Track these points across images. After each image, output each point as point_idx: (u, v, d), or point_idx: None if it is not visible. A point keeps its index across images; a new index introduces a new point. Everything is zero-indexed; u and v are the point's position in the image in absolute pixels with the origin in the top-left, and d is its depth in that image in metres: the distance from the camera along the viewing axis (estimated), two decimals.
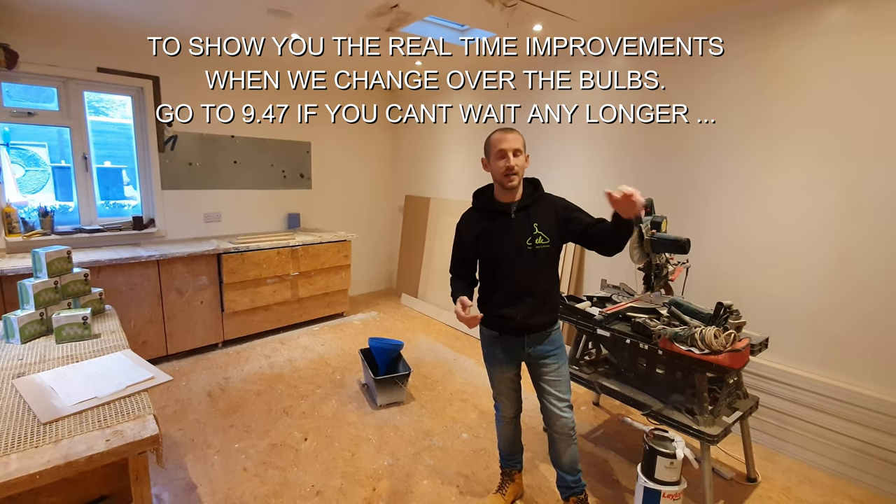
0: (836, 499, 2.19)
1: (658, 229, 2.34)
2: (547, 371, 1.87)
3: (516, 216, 1.77)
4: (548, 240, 1.75)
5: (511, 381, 1.98)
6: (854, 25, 2.23)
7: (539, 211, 1.78)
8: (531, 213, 1.77)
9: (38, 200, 3.50)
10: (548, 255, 1.78)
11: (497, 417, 2.08)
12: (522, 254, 1.75)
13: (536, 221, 1.75)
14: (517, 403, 2.03)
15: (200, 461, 2.35)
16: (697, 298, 2.56)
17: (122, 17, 3.15)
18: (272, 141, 4.48)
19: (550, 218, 1.77)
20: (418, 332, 4.31)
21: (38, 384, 1.46)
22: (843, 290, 2.34)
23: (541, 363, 1.87)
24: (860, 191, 2.26)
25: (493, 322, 1.86)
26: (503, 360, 1.93)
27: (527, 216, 1.76)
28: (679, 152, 2.91)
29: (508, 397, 2.01)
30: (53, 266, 1.98)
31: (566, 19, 2.89)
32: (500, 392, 2.01)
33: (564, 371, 1.89)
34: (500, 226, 1.78)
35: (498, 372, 1.97)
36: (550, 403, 1.87)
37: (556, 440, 1.92)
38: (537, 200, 1.79)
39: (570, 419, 1.87)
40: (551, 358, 1.86)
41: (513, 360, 1.92)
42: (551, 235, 1.76)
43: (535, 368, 1.90)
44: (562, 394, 1.87)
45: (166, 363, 3.46)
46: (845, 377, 2.36)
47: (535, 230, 1.75)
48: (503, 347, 1.90)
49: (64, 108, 3.41)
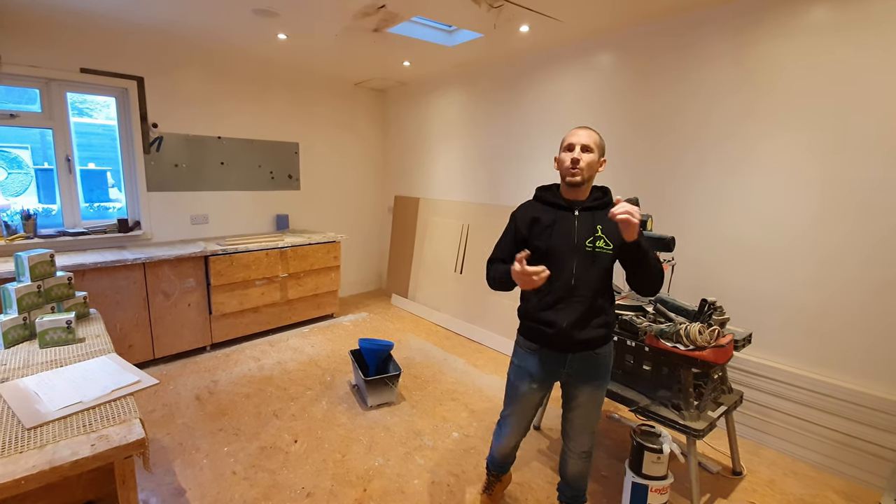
0: (820, 491, 2.23)
1: (644, 227, 2.37)
2: (584, 396, 1.70)
3: (581, 214, 1.63)
4: (610, 245, 1.59)
5: (535, 405, 1.80)
6: (834, 24, 2.28)
7: (604, 216, 1.60)
8: (597, 215, 1.63)
9: (20, 203, 3.44)
10: (608, 262, 1.62)
11: (497, 434, 1.93)
12: (580, 253, 1.60)
13: (601, 224, 1.61)
14: (525, 431, 1.87)
15: (189, 465, 2.33)
16: (682, 295, 2.60)
17: (105, 16, 3.12)
18: (259, 142, 4.45)
19: (614, 226, 1.56)
20: (408, 332, 4.31)
21: (21, 389, 1.44)
22: (825, 286, 2.39)
23: (578, 388, 1.70)
24: (842, 187, 2.30)
25: (532, 331, 1.70)
26: (536, 378, 1.71)
27: (592, 217, 1.63)
28: (663, 150, 2.95)
29: (520, 422, 1.83)
30: (36, 270, 1.95)
31: (552, 20, 2.91)
32: (514, 412, 1.81)
33: (600, 398, 1.72)
34: (561, 218, 1.64)
35: (526, 391, 1.74)
36: (576, 430, 1.77)
37: (570, 457, 1.83)
38: (606, 206, 1.63)
39: (590, 441, 1.79)
40: (593, 382, 1.68)
41: (546, 378, 1.72)
42: (615, 242, 1.59)
43: (570, 390, 1.73)
44: (592, 422, 1.75)
45: (153, 367, 3.43)
46: (829, 371, 2.41)
47: (599, 232, 1.60)
48: (539, 363, 1.70)
49: (46, 109, 3.36)
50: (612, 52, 3.19)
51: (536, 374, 1.71)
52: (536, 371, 1.71)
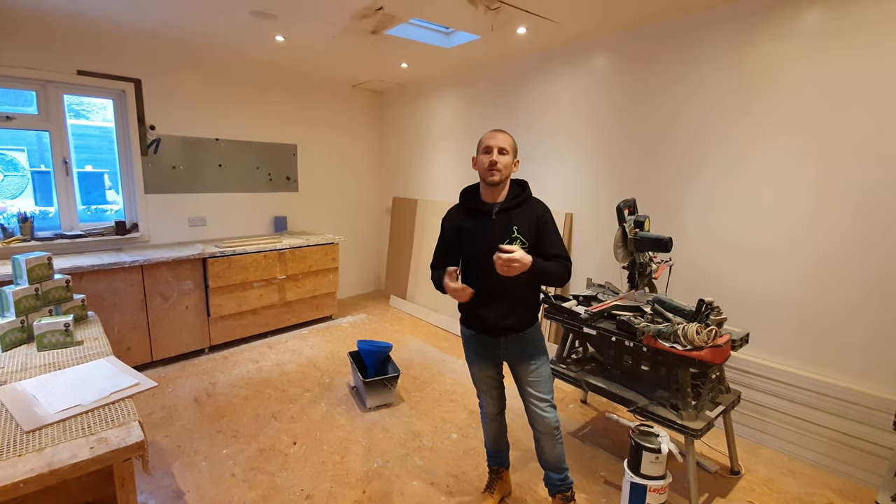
0: (817, 489, 2.24)
1: (641, 228, 2.38)
2: (526, 372, 1.87)
3: (497, 217, 1.77)
4: (527, 244, 1.74)
5: (491, 378, 1.99)
6: (829, 26, 2.29)
7: (521, 213, 1.78)
8: (513, 215, 1.77)
9: (17, 206, 3.44)
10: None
11: (482, 415, 2.10)
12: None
13: (517, 224, 1.75)
14: (499, 401, 2.04)
15: (188, 468, 2.33)
16: (680, 296, 2.61)
17: (102, 19, 3.12)
18: (257, 144, 4.45)
19: (531, 222, 1.77)
20: (407, 333, 4.31)
21: (20, 392, 1.44)
22: (822, 285, 2.41)
23: (519, 364, 1.88)
24: (838, 187, 2.32)
25: (471, 320, 1.89)
26: (480, 358, 1.94)
27: (508, 218, 1.77)
28: (660, 150, 2.96)
29: (490, 395, 2.02)
30: (34, 273, 1.95)
31: (549, 22, 2.92)
32: (482, 390, 2.03)
33: (544, 371, 1.88)
34: (480, 225, 1.80)
35: (477, 370, 1.98)
36: (532, 404, 1.89)
37: (541, 439, 1.93)
38: (522, 203, 1.79)
39: (552, 418, 1.88)
40: (529, 359, 1.86)
41: (489, 359, 1.93)
42: (530, 240, 1.75)
43: (514, 369, 1.91)
44: (542, 393, 1.87)
45: (151, 369, 3.42)
46: (826, 370, 2.42)
47: (515, 233, 1.75)
48: (480, 346, 1.92)
49: (43, 111, 3.35)
50: (609, 54, 3.20)
51: (479, 355, 1.94)
52: (479, 353, 1.94)
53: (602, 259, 3.32)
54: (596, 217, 3.37)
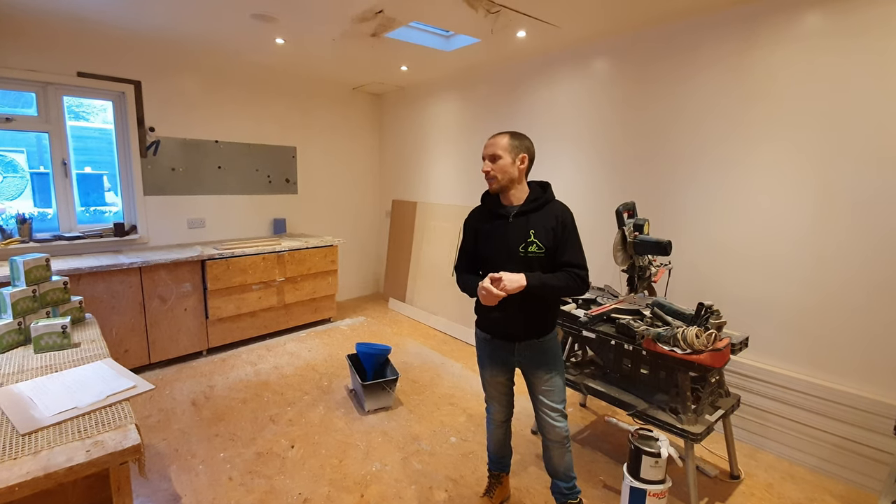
0: (817, 494, 2.23)
1: (640, 232, 2.38)
2: (541, 381, 1.83)
3: (514, 220, 1.74)
4: (543, 248, 1.69)
5: (502, 385, 1.95)
6: (827, 31, 2.30)
7: (540, 217, 1.73)
8: (531, 219, 1.73)
9: (15, 207, 3.43)
10: (541, 264, 1.71)
11: (488, 420, 2.07)
12: (514, 259, 1.71)
13: (533, 228, 1.71)
14: (508, 408, 2.01)
15: (185, 471, 2.31)
16: (679, 299, 2.61)
17: (103, 21, 3.12)
18: (257, 146, 4.45)
19: (550, 226, 1.71)
20: (406, 336, 4.30)
21: (16, 395, 1.43)
22: (822, 289, 2.40)
23: (534, 372, 1.84)
24: (837, 191, 2.32)
25: (486, 324, 1.86)
26: (493, 363, 1.91)
27: (525, 222, 1.73)
28: (659, 154, 2.97)
29: (499, 401, 1.98)
30: (31, 274, 1.94)
31: (549, 26, 2.93)
32: (491, 395, 1.99)
33: (558, 381, 1.84)
34: (496, 227, 1.77)
35: (488, 375, 1.94)
36: (544, 413, 1.85)
37: (550, 447, 1.91)
38: (541, 206, 1.75)
39: (563, 428, 1.85)
40: (544, 367, 1.82)
41: (502, 364, 1.89)
42: (547, 244, 1.70)
43: (528, 377, 1.87)
44: (555, 403, 1.84)
45: (149, 372, 3.41)
46: (825, 375, 2.42)
47: (531, 237, 1.70)
48: (494, 351, 1.88)
49: (43, 113, 3.35)
50: (609, 58, 3.21)
51: (492, 361, 1.91)
52: (492, 359, 1.90)
53: (602, 262, 3.31)
54: (595, 220, 3.36)
